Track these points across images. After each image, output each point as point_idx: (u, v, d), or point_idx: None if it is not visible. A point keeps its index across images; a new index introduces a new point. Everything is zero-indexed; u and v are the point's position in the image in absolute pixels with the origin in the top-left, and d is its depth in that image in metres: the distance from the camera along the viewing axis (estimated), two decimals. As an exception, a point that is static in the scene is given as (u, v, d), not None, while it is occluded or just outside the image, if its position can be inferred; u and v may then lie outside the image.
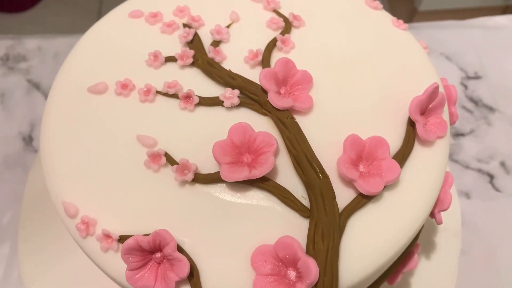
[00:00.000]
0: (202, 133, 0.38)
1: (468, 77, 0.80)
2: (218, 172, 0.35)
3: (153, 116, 0.40)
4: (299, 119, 0.38)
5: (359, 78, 0.42)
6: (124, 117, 0.40)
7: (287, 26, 0.44)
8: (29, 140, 0.69)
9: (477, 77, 0.80)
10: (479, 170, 0.69)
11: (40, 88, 0.79)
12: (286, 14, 0.45)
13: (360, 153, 0.37)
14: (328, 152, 0.37)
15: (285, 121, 0.37)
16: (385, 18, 0.47)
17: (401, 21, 0.47)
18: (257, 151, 0.36)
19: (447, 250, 0.55)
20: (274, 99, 0.38)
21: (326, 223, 0.33)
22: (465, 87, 0.79)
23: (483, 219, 0.64)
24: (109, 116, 0.40)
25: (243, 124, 0.36)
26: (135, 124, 0.39)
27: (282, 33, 0.44)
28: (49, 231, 0.53)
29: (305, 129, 0.38)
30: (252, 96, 0.39)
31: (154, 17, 0.46)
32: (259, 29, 0.45)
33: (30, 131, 0.71)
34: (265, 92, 0.39)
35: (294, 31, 0.45)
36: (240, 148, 0.36)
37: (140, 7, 0.47)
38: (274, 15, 0.46)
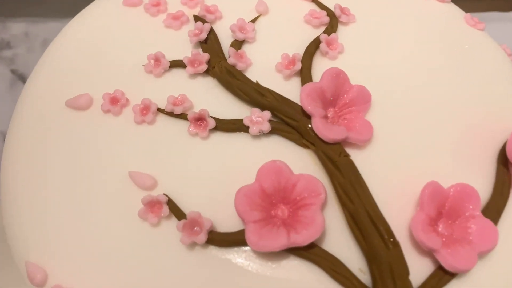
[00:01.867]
0: (219, 172, 0.28)
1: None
2: (242, 231, 0.25)
3: (153, 144, 0.29)
4: (354, 156, 0.27)
5: (430, 98, 0.31)
6: (113, 144, 0.29)
7: (333, 22, 0.33)
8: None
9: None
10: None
11: (25, 80, 0.69)
12: (331, 6, 0.34)
13: (441, 207, 0.26)
14: (394, 205, 0.26)
15: (337, 160, 0.27)
16: (456, 13, 0.36)
17: (476, 19, 0.36)
18: (297, 202, 0.25)
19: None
20: (321, 128, 0.27)
21: (398, 315, 0.23)
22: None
23: None
24: (92, 143, 0.29)
25: (277, 163, 0.26)
26: (128, 155, 0.29)
27: (327, 32, 0.33)
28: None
29: (361, 170, 0.27)
30: (289, 121, 0.28)
31: (157, 5, 0.35)
32: (295, 26, 0.34)
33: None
34: (307, 115, 0.28)
35: (341, 29, 0.34)
36: (273, 197, 0.25)
37: (138, -8, 0.36)
38: (314, 6, 0.35)
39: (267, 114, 0.28)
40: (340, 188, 0.26)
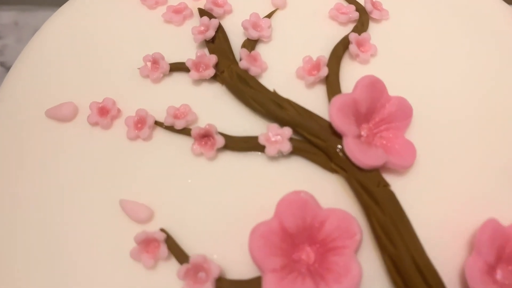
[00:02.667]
0: (229, 202, 0.23)
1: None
2: (258, 279, 0.20)
3: (149, 165, 0.24)
4: (393, 185, 0.22)
5: (482, 113, 0.26)
6: (100, 165, 0.24)
7: (363, 18, 0.28)
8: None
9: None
10: None
11: None
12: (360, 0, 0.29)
13: (501, 251, 0.21)
14: (443, 247, 0.22)
15: (374, 191, 0.22)
16: (506, 12, 0.31)
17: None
18: (326, 244, 0.21)
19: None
20: (356, 150, 0.22)
21: None
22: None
23: None
24: (76, 162, 0.24)
25: (302, 196, 0.21)
26: (118, 179, 0.24)
27: (357, 31, 0.28)
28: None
29: (402, 203, 0.22)
30: (314, 140, 0.23)
31: (155, -4, 0.30)
32: (318, 22, 0.29)
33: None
34: (336, 133, 0.23)
35: (372, 27, 0.28)
36: (296, 238, 0.21)
37: (133, -19, 0.31)
38: (340, 0, 0.30)
39: (287, 132, 0.23)
40: (379, 227, 0.21)
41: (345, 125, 0.22)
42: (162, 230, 0.22)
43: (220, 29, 0.27)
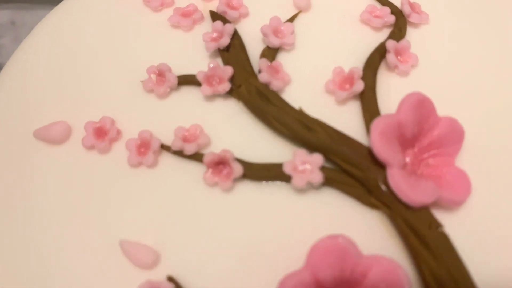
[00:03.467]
0: (248, 243, 0.19)
1: None
2: None
3: (153, 198, 0.21)
4: (445, 224, 0.19)
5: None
6: (97, 196, 0.21)
7: (400, 23, 0.24)
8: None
9: None
10: None
11: None
12: (394, 1, 0.25)
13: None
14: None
15: (426, 234, 0.18)
16: None
17: None
18: (369, 300, 0.17)
19: None
20: (403, 184, 0.18)
21: None
22: None
23: None
24: (68, 192, 0.21)
25: (339, 242, 0.17)
26: (119, 214, 0.20)
27: (394, 37, 0.24)
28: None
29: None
30: (350, 170, 0.20)
31: (160, -3, 0.26)
32: (348, 27, 0.25)
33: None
34: (377, 161, 0.19)
35: (411, 33, 0.25)
36: (333, 291, 0.17)
37: (136, -21, 0.27)
38: (372, 0, 0.26)
39: (318, 159, 0.20)
40: (432, 278, 0.17)
41: (390, 153, 0.19)
42: (170, 278, 0.18)
43: (235, 36, 0.24)
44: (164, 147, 0.21)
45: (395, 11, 0.25)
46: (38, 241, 0.20)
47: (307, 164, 0.20)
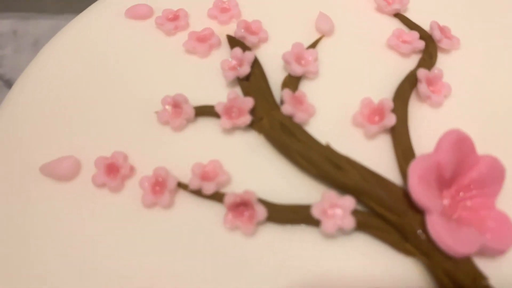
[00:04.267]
0: (276, 297, 0.18)
1: None
2: None
3: (169, 240, 0.19)
4: (489, 275, 0.17)
5: None
6: (108, 241, 0.19)
7: (431, 49, 0.23)
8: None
9: None
10: None
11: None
12: (423, 24, 0.24)
13: None
14: None
15: (470, 288, 0.17)
16: None
17: None
18: None
19: None
20: (444, 233, 0.17)
21: None
22: None
23: None
24: (76, 234, 0.19)
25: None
26: (129, 259, 0.19)
27: (425, 65, 0.22)
28: None
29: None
30: (385, 214, 0.18)
31: (174, 19, 0.24)
32: (374, 53, 0.23)
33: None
34: (413, 206, 0.18)
35: (442, 59, 0.23)
36: None
37: (147, 0, 0.26)
38: (399, 24, 0.24)
39: (349, 203, 0.18)
40: None
41: (430, 199, 0.17)
42: (190, 335, 0.17)
43: (256, 64, 0.22)
44: (180, 185, 0.20)
45: (424, 35, 0.23)
46: (42, 285, 0.19)
47: (338, 208, 0.18)
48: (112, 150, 0.20)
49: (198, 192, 0.19)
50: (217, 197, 0.19)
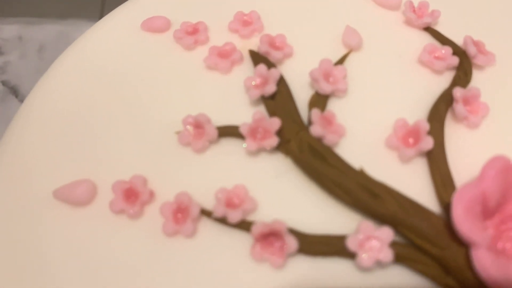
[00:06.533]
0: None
1: None
2: None
3: (192, 272, 0.18)
4: (540, 313, 0.16)
5: None
6: (125, 269, 0.18)
7: (465, 65, 0.22)
8: None
9: None
10: None
11: (19, 94, 0.59)
12: (456, 39, 0.23)
13: None
14: None
15: (522, 331, 0.15)
16: None
17: None
18: None
19: None
20: (492, 269, 0.16)
21: None
22: None
23: None
24: (92, 264, 0.18)
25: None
26: (153, 294, 0.17)
27: (460, 83, 0.21)
28: None
29: None
30: (425, 246, 0.17)
31: (193, 33, 0.23)
32: (406, 69, 0.22)
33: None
34: (455, 238, 0.16)
35: (477, 76, 0.22)
36: None
37: (164, 12, 0.25)
38: (430, 39, 0.23)
39: (387, 235, 0.17)
40: None
41: (476, 231, 0.16)
42: None
43: (281, 82, 0.21)
44: (204, 213, 0.18)
45: (458, 51, 0.22)
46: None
47: (375, 239, 0.17)
48: (130, 173, 0.19)
49: (222, 220, 0.18)
50: (244, 225, 0.18)
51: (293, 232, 0.18)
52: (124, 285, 0.18)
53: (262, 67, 0.21)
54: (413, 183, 0.19)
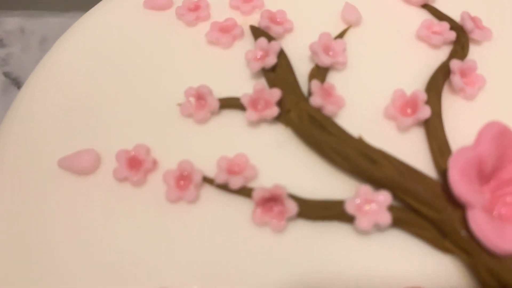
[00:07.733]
0: (309, 296, 0.17)
1: None
2: None
3: (195, 237, 0.18)
4: (534, 273, 0.16)
5: None
6: (130, 235, 0.18)
7: (462, 40, 0.22)
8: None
9: None
10: None
11: (21, 85, 0.59)
12: (453, 15, 0.23)
13: None
14: None
15: (517, 289, 0.16)
16: None
17: None
18: None
19: None
20: (488, 230, 0.16)
21: None
22: None
23: None
24: (96, 230, 0.18)
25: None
26: (154, 256, 0.18)
27: (457, 56, 0.22)
28: None
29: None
30: (422, 209, 0.17)
31: (195, 10, 0.24)
32: (403, 44, 0.23)
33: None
34: (452, 202, 0.17)
35: (473, 51, 0.22)
36: None
37: (166, -10, 0.25)
38: (428, 15, 0.24)
39: (386, 198, 0.17)
40: None
41: (472, 193, 0.16)
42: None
43: (281, 55, 0.21)
44: (206, 180, 0.19)
45: (455, 26, 0.23)
46: (63, 280, 0.18)
47: (373, 203, 0.17)
48: (134, 143, 0.20)
49: (224, 187, 0.19)
50: (245, 192, 0.18)
51: (293, 198, 0.18)
52: (128, 251, 0.18)
53: (263, 40, 0.21)
54: (411, 152, 0.19)
